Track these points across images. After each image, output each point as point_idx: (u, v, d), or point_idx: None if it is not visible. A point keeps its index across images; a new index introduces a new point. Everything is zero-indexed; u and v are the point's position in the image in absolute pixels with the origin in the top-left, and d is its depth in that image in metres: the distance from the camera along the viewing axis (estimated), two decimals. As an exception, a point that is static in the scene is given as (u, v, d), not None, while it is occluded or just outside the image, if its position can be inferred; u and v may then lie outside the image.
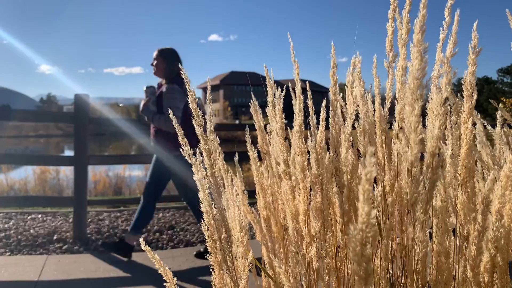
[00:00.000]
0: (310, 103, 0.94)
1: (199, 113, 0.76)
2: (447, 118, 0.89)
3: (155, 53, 3.20)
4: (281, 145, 0.95)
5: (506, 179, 0.75)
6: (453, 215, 0.87)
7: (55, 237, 3.74)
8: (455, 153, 0.85)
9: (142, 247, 0.80)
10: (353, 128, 0.94)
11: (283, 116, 0.96)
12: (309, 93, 0.95)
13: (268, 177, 1.06)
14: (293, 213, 0.93)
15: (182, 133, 0.79)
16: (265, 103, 1.01)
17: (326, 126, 0.96)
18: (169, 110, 0.87)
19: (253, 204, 1.08)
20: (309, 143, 0.90)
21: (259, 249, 1.09)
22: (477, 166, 1.05)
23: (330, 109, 0.95)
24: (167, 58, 3.17)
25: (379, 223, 0.88)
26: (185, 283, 2.65)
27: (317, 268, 0.90)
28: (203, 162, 0.79)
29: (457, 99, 0.91)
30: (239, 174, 1.05)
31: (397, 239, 0.88)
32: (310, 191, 0.92)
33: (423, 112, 0.73)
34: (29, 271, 2.82)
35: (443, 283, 0.81)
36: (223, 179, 0.95)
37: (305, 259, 0.91)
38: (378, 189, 0.89)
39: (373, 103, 0.97)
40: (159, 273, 0.81)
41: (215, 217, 0.77)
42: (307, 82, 0.97)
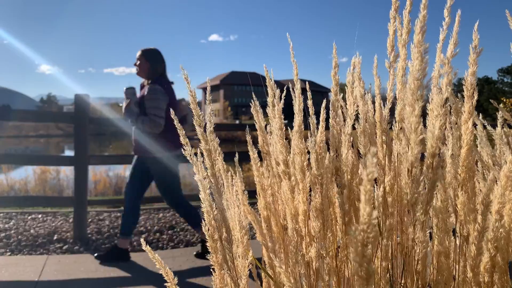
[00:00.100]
0: (310, 103, 0.94)
1: (200, 113, 0.76)
2: (447, 119, 0.89)
3: (138, 53, 3.14)
4: (281, 145, 0.95)
5: (506, 179, 0.75)
6: (453, 215, 0.87)
7: (55, 237, 3.74)
8: (455, 153, 0.85)
9: (143, 247, 0.80)
10: (353, 128, 0.94)
11: (282, 116, 0.96)
12: (309, 94, 0.95)
13: (269, 177, 1.06)
14: (292, 213, 0.93)
15: (184, 133, 0.79)
16: (265, 103, 1.01)
17: (326, 127, 0.96)
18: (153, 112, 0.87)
19: (253, 204, 1.08)
20: (309, 143, 0.90)
21: (259, 249, 1.09)
22: (478, 166, 1.05)
23: (330, 109, 0.95)
24: (150, 59, 3.11)
25: (380, 223, 0.88)
26: (185, 283, 2.65)
27: (317, 268, 0.90)
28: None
29: (457, 99, 0.91)
30: (239, 174, 1.05)
31: (397, 239, 0.88)
32: (310, 191, 0.92)
33: (423, 113, 0.73)
34: (29, 271, 2.82)
35: (443, 283, 0.81)
36: (223, 179, 0.95)
37: (305, 259, 0.91)
38: (379, 189, 0.89)
39: (373, 103, 0.97)
40: (159, 273, 0.81)
41: (215, 217, 0.77)
42: (307, 83, 0.97)
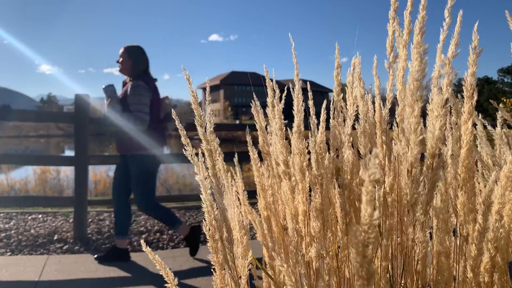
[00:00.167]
0: (311, 103, 0.94)
1: (201, 113, 0.76)
2: (447, 119, 0.89)
3: (121, 50, 3.10)
4: (281, 145, 0.95)
5: (506, 179, 0.75)
6: (453, 215, 0.87)
7: (55, 237, 3.74)
8: (455, 153, 0.85)
9: (143, 248, 0.80)
10: (353, 128, 0.94)
11: (282, 116, 0.97)
12: (310, 94, 0.95)
13: (269, 177, 1.07)
14: (292, 213, 0.93)
15: (185, 133, 0.79)
16: (265, 103, 1.01)
17: (327, 127, 0.96)
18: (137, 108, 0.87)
19: (253, 204, 1.08)
20: (309, 143, 0.90)
21: (259, 249, 1.10)
22: (478, 166, 1.05)
23: (331, 109, 0.96)
24: (133, 56, 3.08)
25: (380, 223, 0.88)
26: (186, 283, 2.65)
27: (317, 268, 0.90)
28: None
29: (457, 99, 0.91)
30: (239, 174, 1.05)
31: (397, 239, 0.88)
32: (310, 191, 0.92)
33: (423, 113, 0.73)
34: (29, 271, 2.83)
35: (443, 283, 0.81)
36: (223, 180, 0.95)
37: (305, 259, 0.91)
38: (380, 190, 0.89)
39: (373, 103, 0.97)
40: (159, 273, 0.81)
41: (216, 217, 0.77)
42: (308, 83, 0.97)
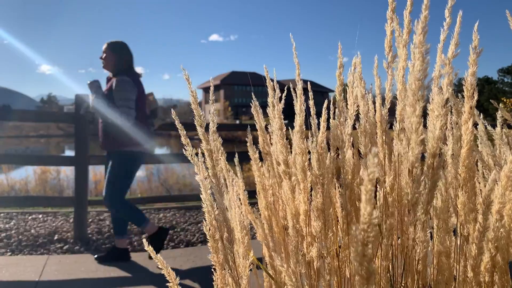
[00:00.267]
0: (311, 103, 0.94)
1: (201, 113, 0.76)
2: (448, 119, 0.89)
3: (104, 46, 3.04)
4: (281, 145, 0.95)
5: (507, 179, 0.75)
6: (454, 215, 0.87)
7: (56, 237, 3.74)
8: (456, 153, 0.85)
9: (145, 247, 0.80)
10: (354, 128, 0.94)
11: (282, 116, 0.97)
12: (311, 94, 0.95)
13: (269, 177, 1.07)
14: (293, 213, 0.93)
15: (185, 133, 0.79)
16: (265, 103, 1.01)
17: (327, 127, 0.96)
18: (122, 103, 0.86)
19: (253, 205, 1.09)
20: (310, 143, 0.90)
21: (260, 249, 1.10)
22: (478, 166, 1.05)
23: (331, 109, 0.96)
24: (116, 52, 3.02)
25: (380, 223, 0.88)
26: (186, 283, 2.65)
27: (318, 268, 0.90)
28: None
29: (458, 99, 0.91)
30: (239, 174, 1.05)
31: (398, 239, 0.88)
32: (311, 191, 0.92)
33: (424, 113, 0.73)
34: (30, 271, 2.83)
35: (443, 283, 0.81)
36: (225, 179, 0.95)
37: (306, 259, 0.91)
38: (381, 190, 0.89)
39: (373, 103, 0.97)
40: (159, 272, 0.81)
41: (217, 217, 0.77)
42: (309, 83, 0.98)
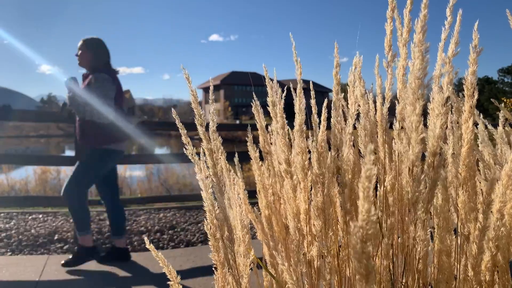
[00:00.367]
0: (313, 102, 0.95)
1: (201, 113, 0.76)
2: (448, 118, 0.89)
3: (80, 43, 2.97)
4: (282, 144, 0.95)
5: (507, 178, 0.75)
6: (455, 214, 0.87)
7: (56, 237, 3.74)
8: (456, 152, 0.85)
9: (147, 246, 0.80)
10: (354, 128, 0.94)
11: (283, 115, 0.97)
12: (313, 93, 0.95)
13: (270, 176, 1.07)
14: (294, 212, 0.93)
15: (185, 132, 0.79)
16: (265, 103, 1.02)
17: (328, 126, 0.96)
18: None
19: (253, 204, 1.09)
20: (310, 142, 0.90)
21: (260, 249, 1.10)
22: (479, 165, 1.05)
23: (331, 108, 0.96)
24: (93, 49, 2.96)
25: (381, 222, 0.88)
26: (186, 283, 2.65)
27: (318, 267, 0.90)
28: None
29: (458, 98, 0.91)
30: (239, 174, 1.05)
31: (398, 238, 0.88)
32: (311, 190, 0.92)
33: (424, 112, 0.73)
34: (30, 271, 2.83)
35: (444, 282, 0.81)
36: (225, 179, 0.95)
37: (306, 258, 0.91)
38: (381, 189, 0.89)
39: (374, 102, 0.97)
40: (159, 272, 0.81)
41: (217, 216, 0.77)
42: (311, 82, 0.98)
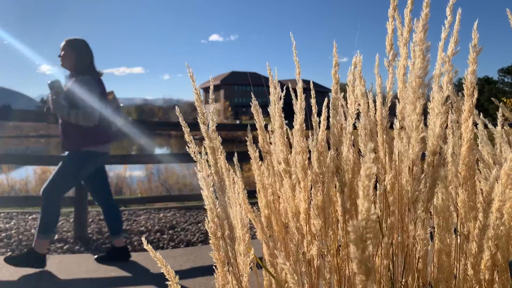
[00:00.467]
0: (313, 102, 0.95)
1: (204, 111, 0.77)
2: (448, 117, 0.89)
3: (63, 43, 2.91)
4: (282, 143, 0.95)
5: (507, 177, 0.75)
6: (454, 213, 0.87)
7: (56, 237, 3.74)
8: (456, 151, 0.85)
9: (145, 246, 0.80)
10: (354, 127, 0.94)
11: (282, 114, 0.97)
12: (313, 92, 0.95)
13: (269, 176, 1.07)
14: (293, 211, 0.93)
15: (188, 130, 0.79)
16: (265, 103, 1.02)
17: (328, 126, 0.96)
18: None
19: (253, 204, 1.09)
20: (310, 141, 0.90)
21: (259, 248, 1.10)
22: (478, 165, 1.06)
23: (331, 108, 0.96)
24: (76, 49, 2.89)
25: (381, 221, 0.88)
26: (186, 283, 2.65)
27: (318, 266, 0.90)
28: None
29: (458, 97, 0.91)
30: (239, 174, 1.05)
31: (398, 237, 0.88)
32: (311, 189, 0.92)
33: (424, 111, 0.73)
34: (30, 271, 2.83)
35: (444, 281, 0.81)
36: (225, 178, 0.95)
37: (306, 258, 0.92)
38: (380, 188, 0.89)
39: (374, 102, 0.97)
40: (159, 272, 0.81)
41: (218, 215, 0.77)
42: (311, 82, 0.98)
